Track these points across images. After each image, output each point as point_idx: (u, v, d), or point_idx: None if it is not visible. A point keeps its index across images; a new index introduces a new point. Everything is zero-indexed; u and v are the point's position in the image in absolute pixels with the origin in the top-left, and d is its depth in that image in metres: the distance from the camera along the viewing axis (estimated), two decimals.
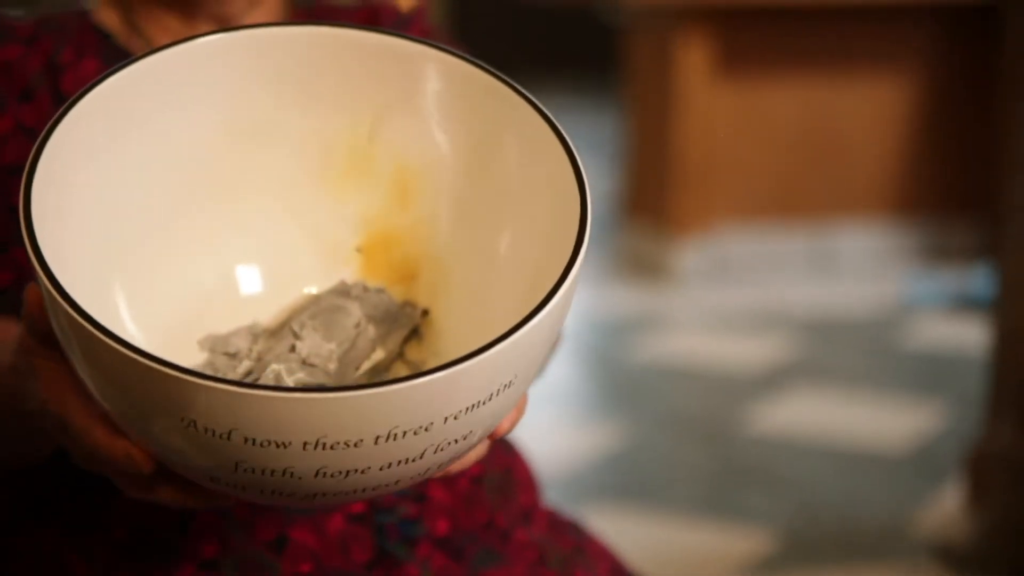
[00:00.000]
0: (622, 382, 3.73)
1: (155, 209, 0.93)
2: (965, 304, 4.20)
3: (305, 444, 0.74)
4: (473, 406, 0.76)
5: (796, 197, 4.64)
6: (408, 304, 0.96)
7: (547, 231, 0.88)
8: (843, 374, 3.67)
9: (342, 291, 0.96)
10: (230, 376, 0.91)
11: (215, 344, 0.93)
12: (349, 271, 0.97)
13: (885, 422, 3.30)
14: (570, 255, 0.82)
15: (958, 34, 4.65)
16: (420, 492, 1.11)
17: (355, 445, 0.74)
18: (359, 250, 0.97)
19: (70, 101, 0.88)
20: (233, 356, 0.93)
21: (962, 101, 4.69)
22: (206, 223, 0.95)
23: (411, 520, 1.10)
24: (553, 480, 2.57)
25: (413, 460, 0.77)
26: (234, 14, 1.17)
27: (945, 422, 3.30)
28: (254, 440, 0.74)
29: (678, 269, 4.51)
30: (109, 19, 1.20)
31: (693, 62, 4.47)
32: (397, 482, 0.79)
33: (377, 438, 0.74)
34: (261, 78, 0.94)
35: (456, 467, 0.87)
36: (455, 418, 0.76)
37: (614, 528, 1.98)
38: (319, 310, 0.94)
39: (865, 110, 4.64)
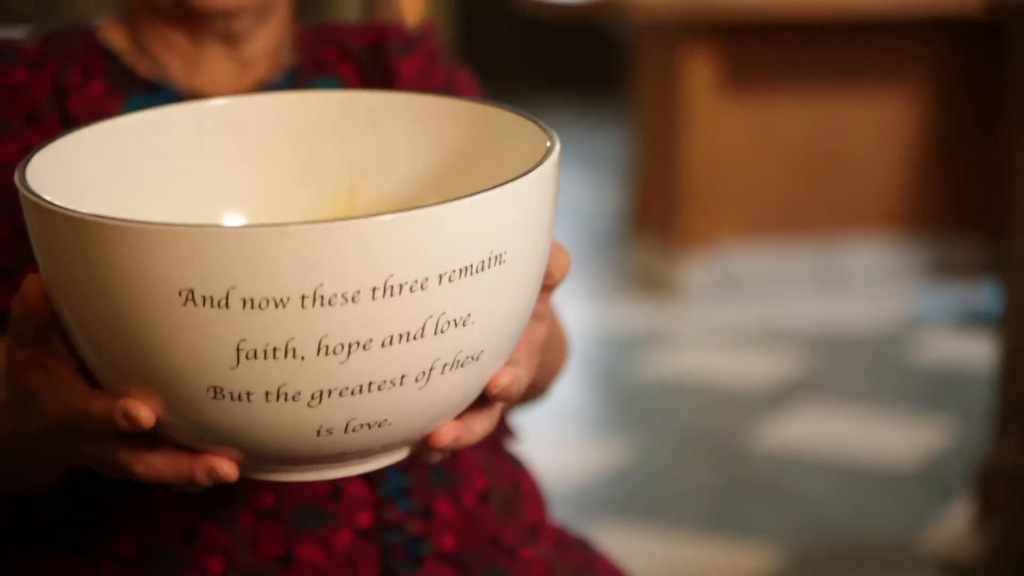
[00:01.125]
0: (629, 398, 3.73)
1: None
2: (972, 320, 4.20)
3: (303, 298, 0.73)
4: (466, 270, 0.76)
5: (802, 213, 4.64)
6: None
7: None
8: (850, 390, 3.67)
9: None
10: None
11: None
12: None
13: (892, 438, 3.30)
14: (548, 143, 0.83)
15: (964, 50, 4.65)
16: (427, 507, 1.11)
17: (353, 300, 0.73)
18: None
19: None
20: None
21: (968, 117, 4.69)
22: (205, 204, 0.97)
23: (418, 537, 1.10)
24: (560, 496, 2.57)
25: (415, 337, 0.76)
26: (241, 32, 1.17)
27: (952, 438, 3.29)
28: (252, 301, 0.73)
29: (684, 285, 4.51)
30: (116, 37, 1.20)
31: (699, 78, 4.47)
32: (402, 378, 0.77)
33: (374, 290, 0.74)
34: (240, 150, 0.97)
35: (465, 435, 0.85)
36: (449, 279, 0.75)
37: (621, 544, 1.98)
38: None
39: (871, 126, 4.65)
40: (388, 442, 0.82)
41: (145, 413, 0.78)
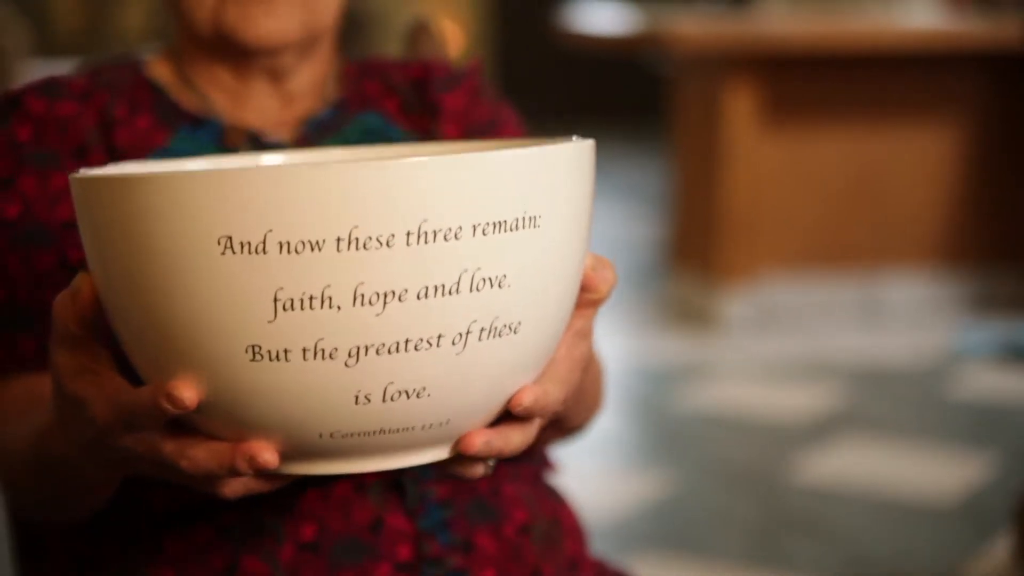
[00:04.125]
0: (668, 431, 3.72)
1: None
2: (1013, 354, 4.18)
3: (339, 241, 0.74)
4: (500, 225, 0.77)
5: (843, 246, 4.63)
6: None
7: None
8: (891, 424, 3.65)
9: None
10: None
11: None
12: None
13: (934, 473, 3.28)
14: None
15: (1004, 83, 4.64)
16: (467, 541, 1.11)
17: (387, 244, 0.74)
18: None
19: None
20: None
21: (1009, 149, 4.68)
22: None
23: (458, 571, 1.10)
24: (599, 529, 2.56)
25: (450, 292, 0.77)
26: (285, 67, 1.18)
27: (994, 473, 3.27)
28: (289, 245, 0.74)
29: (724, 317, 4.50)
30: (162, 72, 1.21)
31: (740, 111, 4.48)
32: (439, 338, 0.78)
33: (408, 235, 0.75)
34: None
35: (498, 441, 0.85)
36: (483, 232, 0.77)
37: None
38: None
39: (911, 159, 4.64)
40: (426, 421, 0.82)
41: (188, 392, 0.79)
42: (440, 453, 0.85)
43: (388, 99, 1.25)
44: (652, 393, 3.99)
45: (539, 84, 8.26)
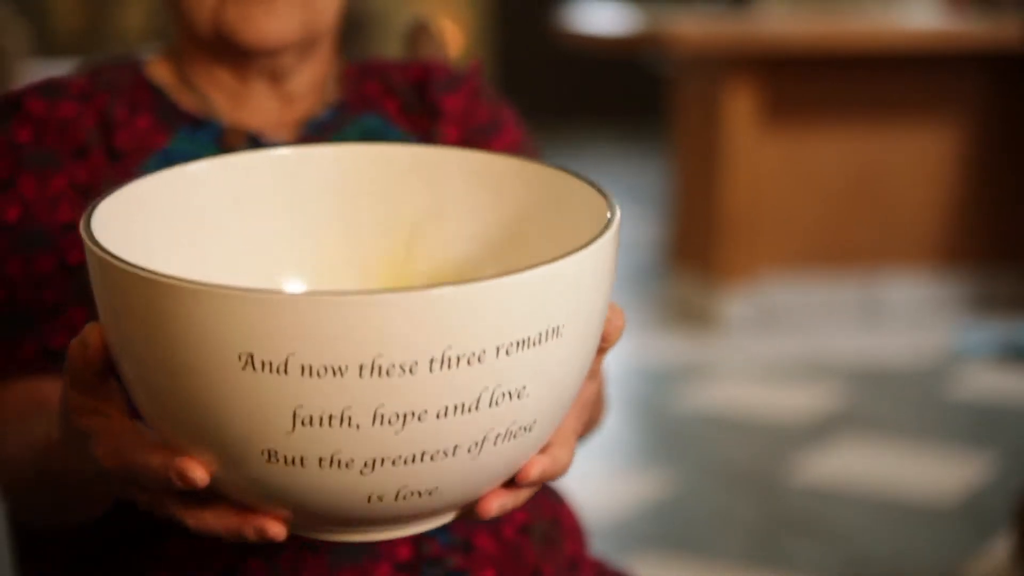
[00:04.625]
0: (668, 431, 3.72)
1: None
2: (1013, 354, 4.18)
3: (361, 368, 0.73)
4: (524, 342, 0.76)
5: (843, 246, 4.63)
6: None
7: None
8: (890, 424, 3.65)
9: None
10: None
11: None
12: None
13: (932, 472, 3.28)
14: (609, 214, 0.83)
15: (1003, 83, 4.64)
16: (467, 541, 1.11)
17: (410, 371, 0.74)
18: None
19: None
20: None
21: (1008, 149, 4.68)
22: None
23: (458, 571, 1.10)
24: (599, 530, 2.56)
25: (470, 409, 0.76)
26: (285, 68, 1.19)
27: (993, 473, 3.27)
28: (311, 369, 0.73)
29: (724, 317, 4.50)
30: (162, 72, 1.21)
31: (739, 111, 4.48)
32: (455, 448, 0.77)
33: (431, 361, 0.74)
34: (297, 201, 0.97)
35: (511, 502, 0.85)
36: (507, 353, 0.76)
37: None
38: None
39: (911, 159, 4.64)
40: (436, 508, 0.82)
41: (200, 473, 0.79)
42: (447, 518, 0.86)
43: (388, 100, 1.25)
44: (652, 393, 3.98)
45: (539, 84, 8.25)
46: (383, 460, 0.77)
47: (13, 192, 1.12)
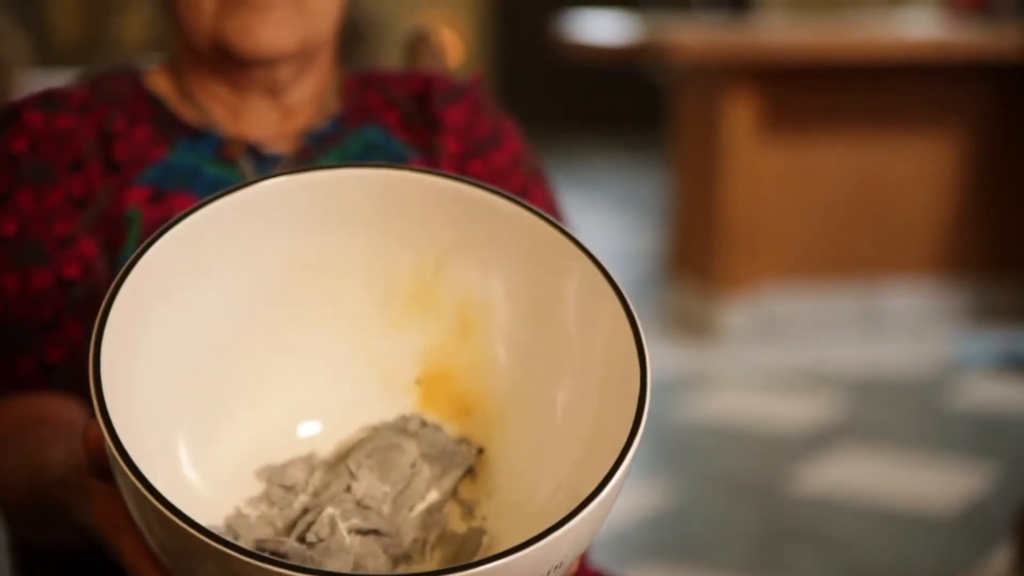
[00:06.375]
0: (668, 441, 3.72)
1: (221, 350, 0.93)
2: (1013, 364, 4.17)
3: None
4: None
5: (843, 256, 4.63)
6: (464, 442, 0.96)
7: (605, 385, 0.92)
8: (891, 434, 3.65)
9: (400, 427, 0.96)
10: (286, 511, 0.92)
11: (272, 475, 0.93)
12: (408, 402, 0.97)
13: (932, 482, 3.28)
14: (624, 442, 0.89)
15: (1003, 92, 4.64)
16: None
17: None
18: (418, 382, 0.98)
19: (138, 251, 0.86)
20: (289, 489, 0.93)
21: (1009, 160, 4.68)
22: (269, 359, 0.96)
23: None
24: (599, 540, 2.56)
25: None
26: (283, 81, 1.18)
27: (993, 483, 3.27)
28: None
29: (724, 327, 4.50)
30: (162, 84, 1.21)
31: (740, 120, 4.48)
32: None
33: None
34: (330, 216, 0.95)
35: None
36: None
37: None
38: (376, 447, 0.94)
39: (912, 169, 4.64)
40: None
41: None
42: None
43: (389, 112, 1.25)
44: (652, 403, 3.95)
45: (539, 94, 8.25)
46: None
47: (11, 206, 1.12)
